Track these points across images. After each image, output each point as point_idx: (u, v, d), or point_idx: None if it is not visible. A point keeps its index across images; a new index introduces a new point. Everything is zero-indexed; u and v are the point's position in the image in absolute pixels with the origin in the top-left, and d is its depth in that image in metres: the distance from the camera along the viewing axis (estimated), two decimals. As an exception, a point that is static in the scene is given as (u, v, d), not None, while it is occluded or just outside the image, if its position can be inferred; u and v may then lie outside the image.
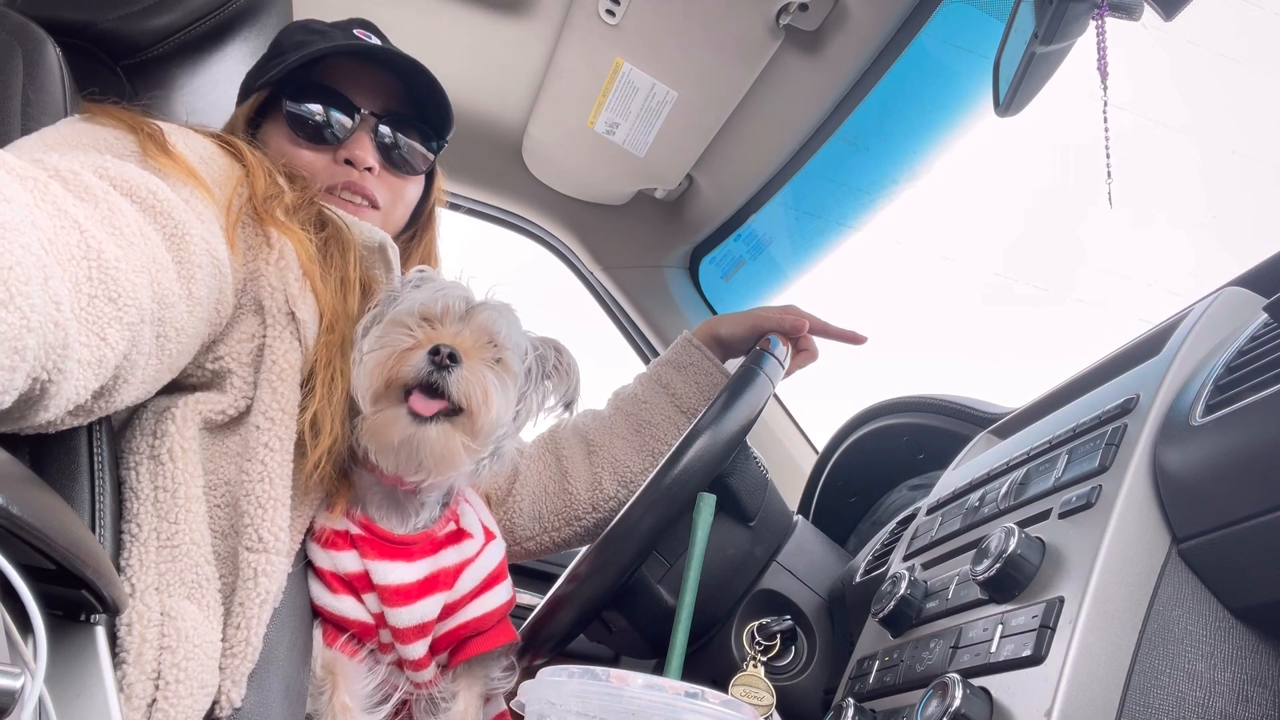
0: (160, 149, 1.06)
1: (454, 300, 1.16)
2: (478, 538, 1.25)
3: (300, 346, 1.12)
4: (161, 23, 1.30)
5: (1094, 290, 3.43)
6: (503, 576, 1.27)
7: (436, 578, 1.19)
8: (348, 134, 1.36)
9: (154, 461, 1.02)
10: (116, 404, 0.90)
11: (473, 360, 1.11)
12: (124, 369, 0.87)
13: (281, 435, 1.08)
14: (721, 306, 2.45)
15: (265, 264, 1.12)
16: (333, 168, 1.36)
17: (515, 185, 2.35)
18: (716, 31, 1.79)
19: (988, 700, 0.79)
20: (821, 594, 1.40)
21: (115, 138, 1.06)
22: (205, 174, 1.11)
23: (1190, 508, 0.79)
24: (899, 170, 2.15)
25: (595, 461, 1.53)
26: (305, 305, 1.13)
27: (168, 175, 1.03)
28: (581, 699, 0.86)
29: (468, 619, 1.22)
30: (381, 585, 1.16)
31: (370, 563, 1.16)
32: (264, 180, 1.18)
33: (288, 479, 1.08)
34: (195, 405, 1.06)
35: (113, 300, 0.81)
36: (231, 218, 1.11)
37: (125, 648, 0.93)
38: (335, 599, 1.16)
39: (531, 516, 1.53)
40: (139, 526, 1.00)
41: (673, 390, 1.55)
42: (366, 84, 1.38)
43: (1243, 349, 0.85)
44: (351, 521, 1.18)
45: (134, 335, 0.86)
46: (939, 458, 1.46)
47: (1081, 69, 1.13)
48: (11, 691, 0.55)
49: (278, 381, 1.09)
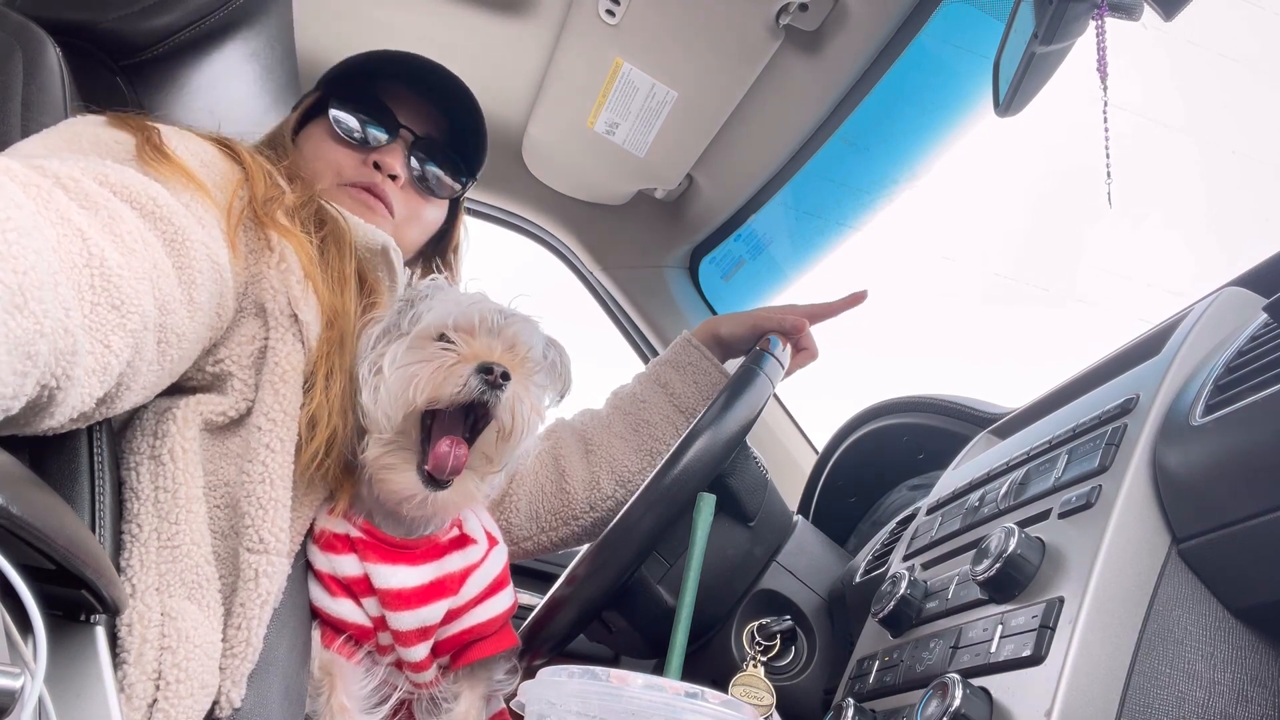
0: (158, 153, 1.06)
1: (489, 313, 1.13)
2: (481, 543, 1.25)
3: (304, 348, 1.13)
4: (161, 23, 1.30)
5: (1094, 290, 3.43)
6: (505, 583, 1.27)
7: (442, 583, 1.18)
8: (382, 144, 1.39)
9: (154, 462, 1.02)
10: (118, 409, 0.91)
11: (519, 377, 1.09)
12: (127, 376, 0.87)
13: (283, 436, 1.08)
14: (721, 306, 2.45)
15: (267, 267, 1.13)
16: (360, 167, 1.38)
17: (515, 185, 2.35)
18: (716, 31, 1.79)
19: (988, 700, 0.79)
20: (821, 594, 1.40)
21: (115, 141, 1.05)
22: (205, 177, 1.11)
23: (1190, 508, 0.79)
24: (899, 170, 2.15)
25: (593, 461, 1.52)
26: (308, 307, 1.14)
27: (167, 180, 1.03)
28: (581, 699, 0.86)
29: (471, 624, 1.22)
30: (383, 589, 1.15)
31: (371, 566, 1.15)
32: (263, 182, 1.18)
33: (288, 480, 1.08)
34: (196, 406, 1.06)
35: (115, 308, 0.81)
36: (232, 221, 1.11)
37: (126, 648, 0.93)
38: (334, 601, 1.16)
39: (529, 517, 1.53)
40: (139, 527, 0.99)
41: (671, 390, 1.55)
42: (414, 107, 1.43)
43: (1243, 349, 0.85)
44: (352, 525, 1.17)
45: (137, 342, 0.86)
46: (939, 458, 1.46)
47: (1081, 69, 1.13)
48: (11, 691, 0.55)
49: (280, 383, 1.09)
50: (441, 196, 1.48)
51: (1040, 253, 3.66)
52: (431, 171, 1.44)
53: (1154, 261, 3.19)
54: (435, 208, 1.48)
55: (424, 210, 1.46)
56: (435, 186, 1.45)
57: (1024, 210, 3.65)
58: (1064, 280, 3.47)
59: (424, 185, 1.44)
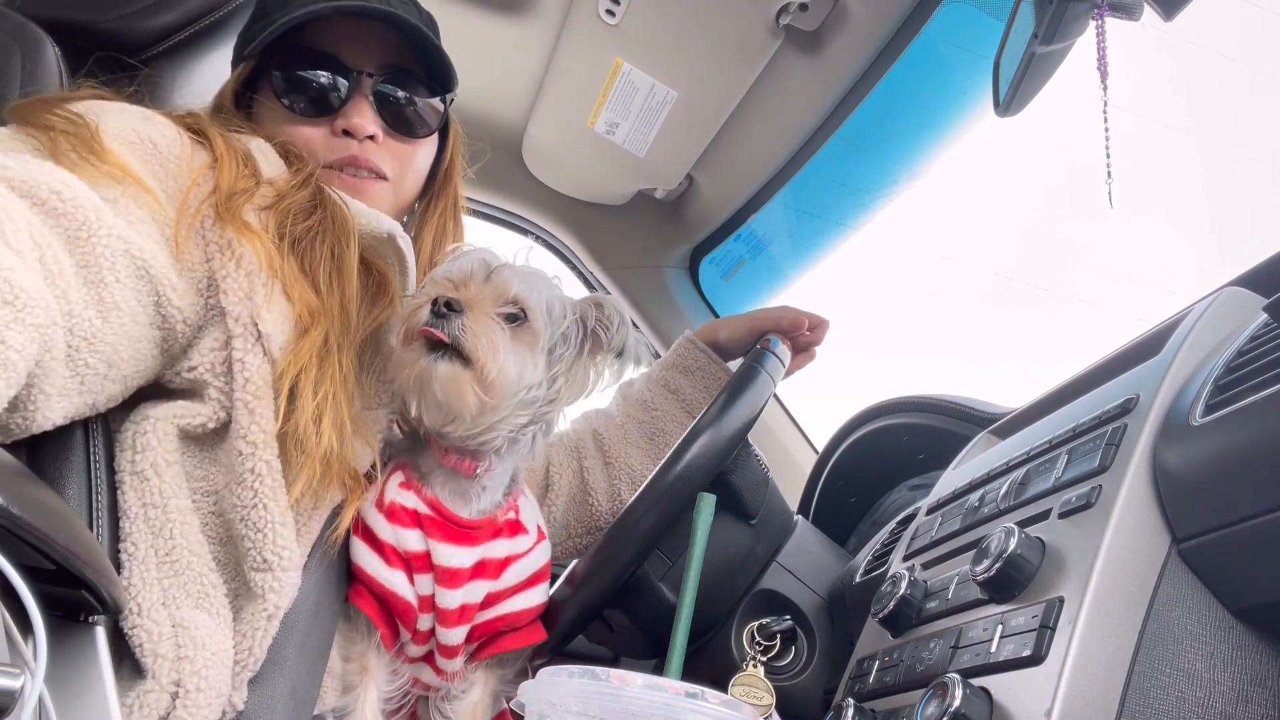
0: (86, 149, 0.98)
1: (473, 264, 1.19)
2: (531, 534, 1.27)
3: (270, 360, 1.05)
4: (161, 23, 1.30)
5: (1094, 290, 3.43)
6: (544, 577, 1.28)
7: (484, 564, 1.21)
8: (343, 101, 1.26)
9: (137, 478, 1.00)
10: (40, 420, 0.86)
11: (478, 313, 1.14)
12: (36, 376, 0.82)
13: (266, 458, 1.03)
14: (721, 306, 2.45)
15: (228, 267, 1.05)
16: (331, 141, 1.27)
17: (515, 185, 2.35)
18: (716, 31, 1.79)
19: (988, 700, 0.79)
20: (821, 594, 1.40)
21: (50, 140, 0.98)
22: (153, 169, 1.04)
23: (1190, 508, 0.79)
24: (899, 170, 2.15)
25: (612, 473, 1.53)
26: (271, 315, 1.05)
27: (95, 176, 0.96)
28: (581, 699, 0.86)
29: (506, 612, 1.23)
30: (441, 567, 1.17)
31: (434, 544, 1.18)
32: (233, 172, 1.09)
33: (282, 498, 1.04)
34: (172, 418, 1.03)
35: (8, 303, 0.76)
36: (185, 214, 1.03)
37: (143, 667, 0.93)
38: (390, 572, 1.17)
39: (561, 524, 1.54)
40: (134, 545, 0.98)
41: (683, 396, 1.55)
42: (359, 41, 1.27)
43: (1243, 349, 0.85)
44: (421, 500, 1.20)
45: (45, 339, 0.81)
46: (939, 458, 1.46)
47: (1081, 69, 1.13)
48: (11, 691, 0.55)
49: (253, 401, 1.03)
50: (427, 131, 1.34)
51: (1040, 253, 3.66)
52: (407, 109, 1.30)
53: (1154, 261, 3.18)
54: (425, 148, 1.36)
55: (415, 155, 1.34)
56: (416, 124, 1.32)
57: (1024, 210, 3.65)
58: (1064, 280, 3.47)
59: (405, 128, 1.31)
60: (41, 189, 0.89)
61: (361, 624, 1.20)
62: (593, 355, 1.26)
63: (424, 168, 1.38)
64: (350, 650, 1.20)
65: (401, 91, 1.30)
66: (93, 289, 0.91)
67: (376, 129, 1.27)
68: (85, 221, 0.91)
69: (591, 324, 1.25)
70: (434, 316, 1.12)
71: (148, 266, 0.97)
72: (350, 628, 1.21)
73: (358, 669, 1.19)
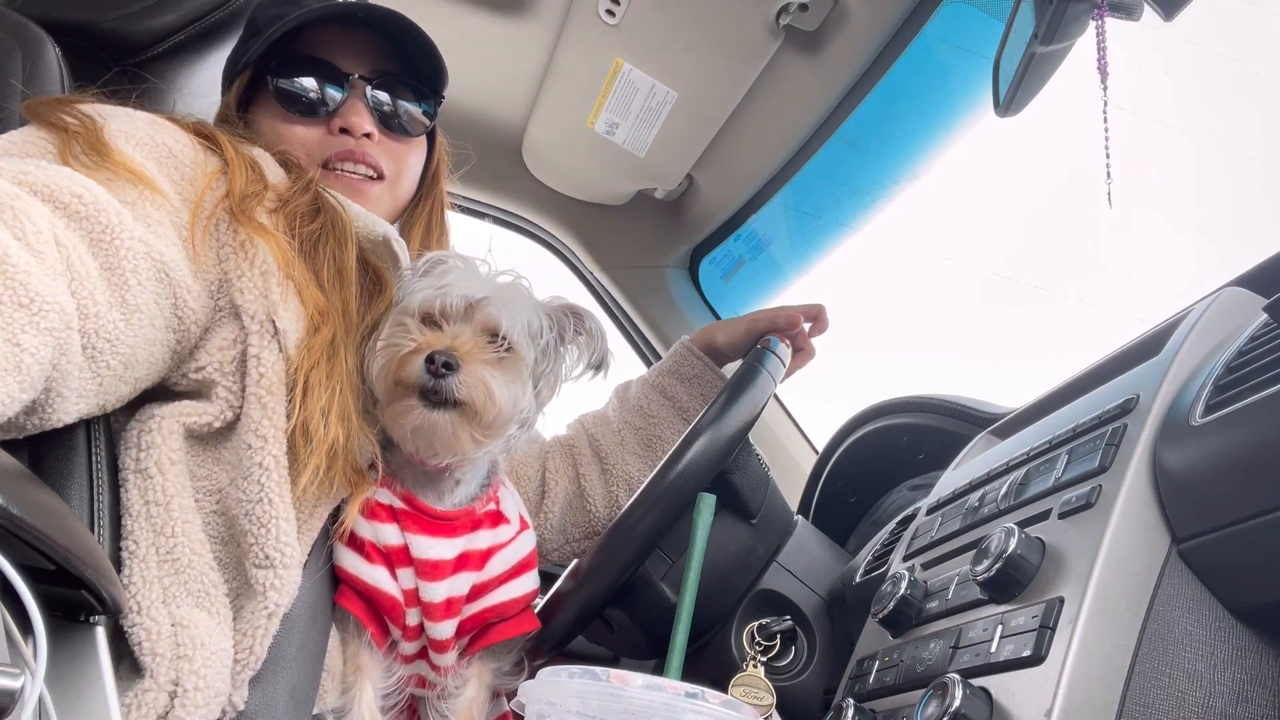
0: (96, 153, 1.00)
1: (453, 300, 1.16)
2: (513, 524, 1.27)
3: (284, 356, 1.08)
4: (161, 23, 1.30)
5: (1094, 290, 3.43)
6: (531, 566, 1.28)
7: (467, 557, 1.21)
8: (339, 103, 1.30)
9: (141, 476, 1.01)
10: (54, 420, 0.87)
11: (472, 363, 1.12)
12: (55, 380, 0.84)
13: (275, 453, 1.04)
14: (721, 306, 2.45)
15: (242, 267, 1.08)
16: (328, 139, 1.30)
17: (515, 185, 2.35)
18: (716, 31, 1.79)
19: (988, 700, 0.79)
20: (821, 594, 1.40)
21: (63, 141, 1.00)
22: (168, 172, 1.06)
23: (1190, 508, 0.79)
24: (899, 170, 2.16)
25: (610, 480, 1.53)
26: (287, 313, 1.09)
27: (111, 179, 0.98)
28: (581, 699, 0.86)
29: (494, 603, 1.23)
30: (420, 559, 1.17)
31: (411, 537, 1.18)
32: (244, 176, 1.12)
33: (287, 494, 1.05)
34: (178, 416, 1.04)
35: (23, 306, 0.78)
36: (201, 217, 1.06)
37: (141, 665, 0.93)
38: (371, 568, 1.17)
39: (558, 530, 1.54)
40: (136, 543, 0.98)
41: (679, 404, 1.55)
42: (352, 47, 1.32)
43: (1243, 349, 0.85)
44: (395, 495, 1.20)
45: (59, 342, 0.82)
46: (939, 458, 1.46)
47: (1081, 69, 1.14)
48: (11, 691, 0.55)
49: (266, 396, 1.05)
50: (418, 133, 1.38)
51: (1040, 253, 3.65)
52: (400, 108, 1.34)
53: (1154, 261, 3.18)
54: (417, 149, 1.40)
55: (409, 155, 1.38)
56: (409, 124, 1.36)
57: (1024, 210, 3.65)
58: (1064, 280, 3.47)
59: (399, 127, 1.35)
60: (63, 193, 0.91)
61: (350, 624, 1.20)
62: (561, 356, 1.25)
63: (417, 168, 1.42)
64: (344, 651, 1.20)
65: (395, 94, 1.34)
66: (116, 291, 0.92)
67: (373, 128, 1.32)
68: (108, 225, 0.93)
69: (569, 334, 1.25)
70: (434, 378, 1.10)
71: (168, 269, 0.99)
72: (343, 629, 1.21)
73: (352, 668, 1.19)
